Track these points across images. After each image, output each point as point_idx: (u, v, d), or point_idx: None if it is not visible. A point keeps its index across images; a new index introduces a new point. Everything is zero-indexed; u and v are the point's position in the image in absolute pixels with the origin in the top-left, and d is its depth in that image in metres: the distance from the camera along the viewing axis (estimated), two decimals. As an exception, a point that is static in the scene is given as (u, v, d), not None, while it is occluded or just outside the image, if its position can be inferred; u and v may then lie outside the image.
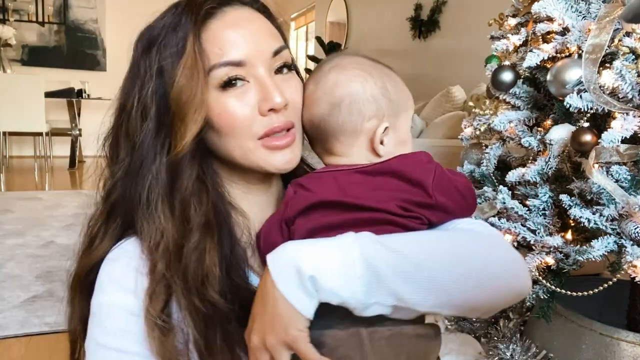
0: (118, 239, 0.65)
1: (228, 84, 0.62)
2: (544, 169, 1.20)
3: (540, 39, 1.26)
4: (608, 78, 1.06)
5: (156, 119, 0.62)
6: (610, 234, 1.07)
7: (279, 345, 0.53)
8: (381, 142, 0.65)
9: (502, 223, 1.23)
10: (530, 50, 1.22)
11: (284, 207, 0.65)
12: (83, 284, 0.66)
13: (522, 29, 1.33)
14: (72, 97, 5.75)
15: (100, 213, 0.67)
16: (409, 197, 0.60)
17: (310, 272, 0.51)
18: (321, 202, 0.61)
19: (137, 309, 0.60)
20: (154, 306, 0.59)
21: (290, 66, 0.68)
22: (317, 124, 0.67)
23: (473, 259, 0.57)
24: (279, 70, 0.66)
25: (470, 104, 1.54)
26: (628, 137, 1.05)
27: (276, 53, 0.65)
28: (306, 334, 0.53)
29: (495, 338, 1.56)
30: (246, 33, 0.63)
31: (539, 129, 1.28)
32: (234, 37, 0.62)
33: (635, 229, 1.02)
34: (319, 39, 5.59)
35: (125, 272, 0.62)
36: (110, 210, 0.66)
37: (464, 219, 0.65)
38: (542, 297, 1.20)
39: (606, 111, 1.09)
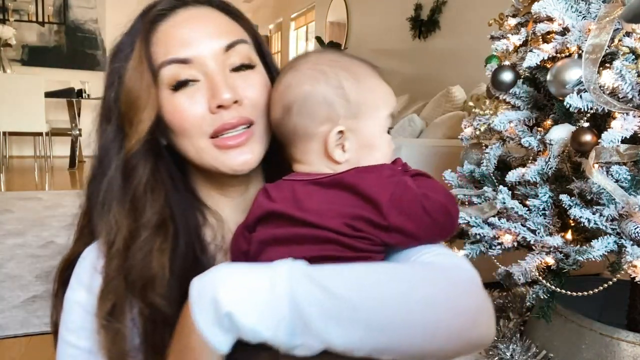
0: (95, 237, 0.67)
1: (179, 84, 0.61)
2: (544, 169, 1.20)
3: (540, 39, 1.26)
4: (608, 78, 1.06)
5: (115, 122, 0.64)
6: (610, 234, 1.07)
7: None
8: (342, 148, 0.59)
9: (502, 223, 1.23)
10: (530, 50, 1.22)
11: (248, 212, 0.63)
12: (60, 279, 0.69)
13: (522, 29, 1.33)
14: (72, 97, 5.75)
15: (81, 212, 0.70)
16: (360, 215, 0.54)
17: (228, 307, 0.46)
18: (274, 212, 0.58)
19: (90, 306, 0.62)
20: (101, 307, 0.60)
21: (249, 64, 0.64)
22: (275, 128, 0.64)
23: (422, 303, 0.49)
24: (237, 68, 0.63)
25: (470, 104, 1.54)
26: (628, 137, 1.05)
27: (229, 47, 0.62)
28: None
29: (495, 338, 1.56)
30: (195, 30, 0.62)
31: (539, 129, 1.28)
32: (181, 35, 0.62)
33: (635, 229, 1.02)
34: (319, 39, 5.59)
35: (86, 270, 0.64)
36: (85, 210, 0.69)
37: (433, 247, 0.58)
38: (542, 297, 1.20)
39: (606, 111, 1.09)
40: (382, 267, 0.53)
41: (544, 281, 1.19)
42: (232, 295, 0.47)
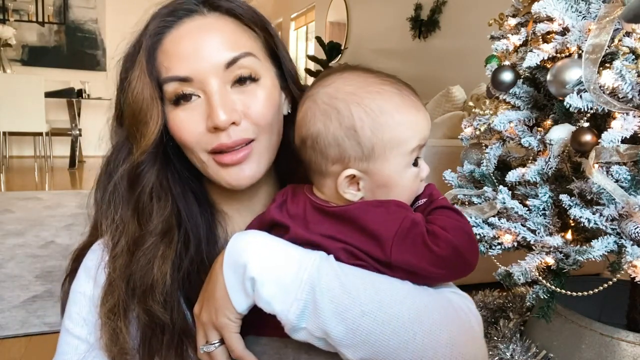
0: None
1: (178, 100, 0.61)
2: (544, 169, 1.20)
3: (540, 39, 1.26)
4: (608, 78, 1.06)
5: (126, 127, 0.65)
6: (610, 234, 1.07)
7: (209, 325, 0.54)
8: (357, 187, 0.57)
9: (502, 223, 1.23)
10: (530, 50, 1.22)
11: (264, 212, 0.63)
12: (71, 269, 0.71)
13: (522, 29, 1.33)
14: (72, 97, 5.75)
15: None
16: (363, 248, 0.53)
17: (254, 274, 0.50)
18: (283, 224, 0.58)
19: (95, 299, 0.64)
20: (103, 304, 0.62)
21: (253, 78, 0.62)
22: (297, 150, 0.63)
23: (427, 334, 0.50)
24: (240, 82, 0.62)
25: (470, 104, 1.54)
26: (628, 137, 1.05)
27: (230, 64, 0.60)
28: (235, 325, 0.53)
29: (495, 338, 1.56)
30: (197, 45, 0.60)
31: (539, 129, 1.28)
32: (182, 50, 0.60)
33: (635, 229, 1.02)
34: (319, 39, 5.59)
35: (96, 263, 0.66)
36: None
37: (447, 287, 0.58)
38: (542, 297, 1.20)
39: (606, 111, 1.09)
40: (406, 287, 0.53)
41: (544, 281, 1.18)
42: (261, 264, 0.50)
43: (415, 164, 0.58)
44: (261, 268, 0.50)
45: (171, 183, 0.65)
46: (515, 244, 1.22)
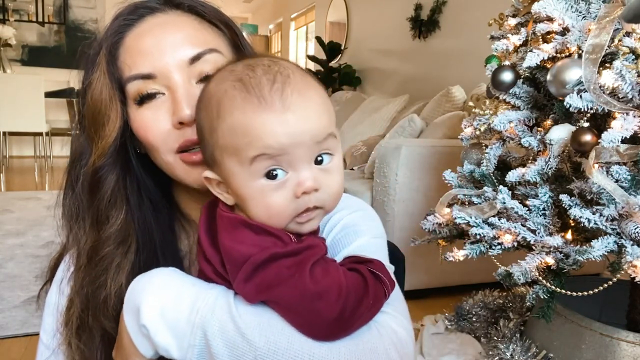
0: None
1: (142, 99, 0.59)
2: (544, 169, 1.20)
3: (540, 39, 1.26)
4: (608, 78, 1.06)
5: (86, 131, 0.62)
6: (610, 234, 1.07)
7: None
8: (226, 190, 0.52)
9: (502, 223, 1.23)
10: (530, 50, 1.22)
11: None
12: (47, 279, 0.71)
13: (522, 29, 1.33)
14: (72, 97, 5.74)
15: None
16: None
17: (145, 321, 0.47)
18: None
19: (61, 308, 0.63)
20: (67, 324, 0.61)
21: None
22: None
23: None
24: (205, 79, 0.59)
25: (470, 104, 1.54)
26: (628, 137, 1.05)
27: (194, 60, 0.59)
28: None
29: (495, 338, 1.56)
30: (159, 41, 0.59)
31: (539, 129, 1.28)
32: (144, 47, 0.59)
33: (635, 229, 1.02)
34: (319, 39, 5.59)
35: (64, 274, 0.66)
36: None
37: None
38: (542, 297, 1.20)
39: (606, 111, 1.09)
40: None
41: (544, 281, 1.18)
42: (151, 310, 0.48)
43: (272, 176, 0.48)
44: (151, 315, 0.47)
45: (129, 192, 0.63)
46: (515, 244, 1.22)
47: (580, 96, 1.11)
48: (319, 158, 0.49)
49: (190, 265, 0.66)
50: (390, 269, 0.57)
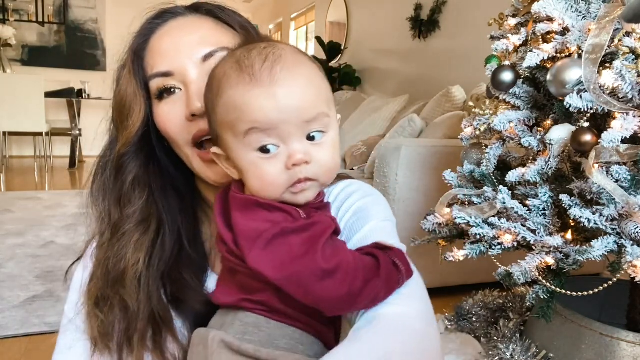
0: None
1: (162, 93, 0.65)
2: (544, 169, 1.20)
3: (540, 39, 1.26)
4: (608, 78, 1.06)
5: (115, 123, 0.70)
6: (610, 234, 1.07)
7: None
8: (232, 165, 0.56)
9: (502, 223, 1.23)
10: (530, 50, 1.22)
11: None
12: (78, 257, 0.76)
13: (522, 29, 1.33)
14: (72, 97, 5.75)
15: None
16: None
17: None
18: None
19: (84, 287, 0.69)
20: (89, 295, 0.67)
21: None
22: None
23: None
24: None
25: (470, 104, 1.54)
26: (628, 137, 1.05)
27: (206, 57, 0.64)
28: None
29: (495, 338, 1.56)
30: (177, 41, 0.65)
31: (539, 129, 1.28)
32: (164, 47, 0.65)
33: (635, 229, 1.02)
34: (319, 39, 5.59)
35: (89, 252, 0.72)
36: None
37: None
38: (542, 297, 1.20)
39: (606, 111, 1.09)
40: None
41: (544, 281, 1.18)
42: None
43: (265, 150, 0.51)
44: None
45: (151, 177, 0.69)
46: (515, 244, 1.22)
47: (580, 96, 1.11)
48: (311, 135, 0.52)
49: (211, 249, 0.72)
50: (403, 248, 0.60)
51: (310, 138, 0.52)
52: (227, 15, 0.70)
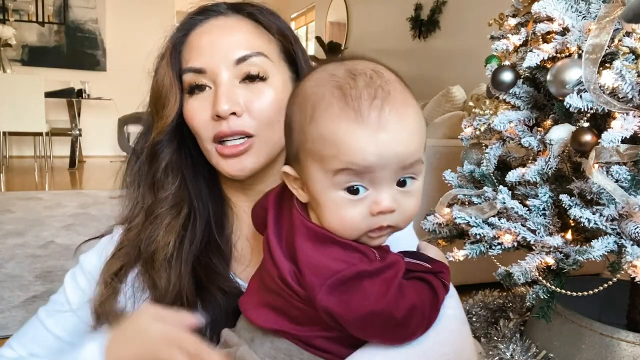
0: None
1: (193, 89, 0.67)
2: (544, 169, 1.20)
3: (540, 39, 1.26)
4: (608, 78, 1.06)
5: (150, 111, 0.72)
6: (610, 234, 1.07)
7: None
8: (302, 187, 0.53)
9: (502, 223, 1.23)
10: (530, 50, 1.22)
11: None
12: (93, 238, 0.79)
13: (522, 29, 1.33)
14: (72, 97, 5.75)
15: None
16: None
17: None
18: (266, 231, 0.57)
19: (93, 268, 0.71)
20: (109, 267, 0.69)
21: (260, 76, 0.67)
22: None
23: None
24: (249, 79, 0.66)
25: (470, 104, 1.54)
26: (628, 137, 1.05)
27: (240, 61, 0.66)
28: None
29: (495, 338, 1.56)
30: (214, 41, 0.67)
31: (539, 129, 1.28)
32: (202, 45, 0.67)
33: (635, 229, 1.02)
34: (319, 39, 5.59)
35: (106, 240, 0.74)
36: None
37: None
38: (542, 297, 1.20)
39: (606, 111, 1.09)
40: None
41: (544, 281, 1.18)
42: None
43: (353, 190, 0.48)
44: None
45: (183, 164, 0.71)
46: (515, 244, 1.22)
47: (580, 96, 1.11)
48: (402, 179, 0.49)
49: (236, 240, 0.74)
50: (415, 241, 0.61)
51: (401, 183, 0.49)
52: (267, 20, 0.71)
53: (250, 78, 0.66)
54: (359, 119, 0.46)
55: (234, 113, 0.64)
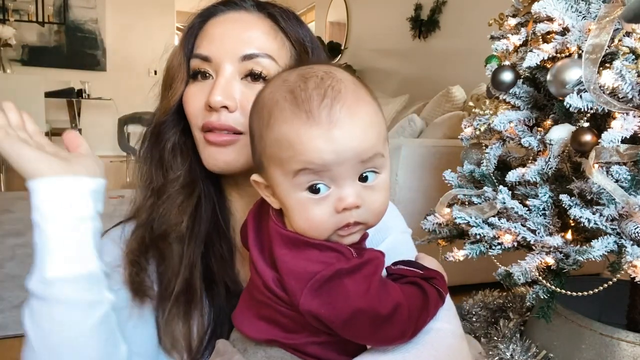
0: None
1: (196, 74, 0.67)
2: (544, 169, 1.20)
3: (540, 39, 1.26)
4: (608, 78, 1.06)
5: (160, 91, 0.72)
6: (610, 234, 1.07)
7: None
8: (273, 193, 0.54)
9: (502, 223, 1.23)
10: (530, 50, 1.22)
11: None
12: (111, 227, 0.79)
13: (522, 29, 1.33)
14: (72, 97, 5.75)
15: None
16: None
17: None
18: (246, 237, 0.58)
19: (112, 258, 0.69)
20: (130, 245, 0.67)
21: (262, 76, 0.65)
22: None
23: None
24: (251, 78, 0.65)
25: (470, 104, 1.54)
26: (628, 137, 1.05)
27: (246, 58, 0.65)
28: None
29: (495, 338, 1.56)
30: (226, 33, 0.66)
31: (539, 129, 1.28)
32: (214, 34, 0.66)
33: (635, 229, 1.02)
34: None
35: (119, 232, 0.72)
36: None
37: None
38: (542, 297, 1.20)
39: (606, 111, 1.09)
40: None
41: (544, 281, 1.18)
42: None
43: (315, 190, 0.49)
44: None
45: (192, 147, 0.70)
46: (515, 244, 1.22)
47: (580, 96, 1.11)
48: (364, 175, 0.49)
49: (234, 237, 0.73)
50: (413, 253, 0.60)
51: (363, 178, 0.49)
52: (288, 25, 0.69)
53: (252, 76, 0.65)
54: (310, 119, 0.47)
55: (226, 107, 0.63)
